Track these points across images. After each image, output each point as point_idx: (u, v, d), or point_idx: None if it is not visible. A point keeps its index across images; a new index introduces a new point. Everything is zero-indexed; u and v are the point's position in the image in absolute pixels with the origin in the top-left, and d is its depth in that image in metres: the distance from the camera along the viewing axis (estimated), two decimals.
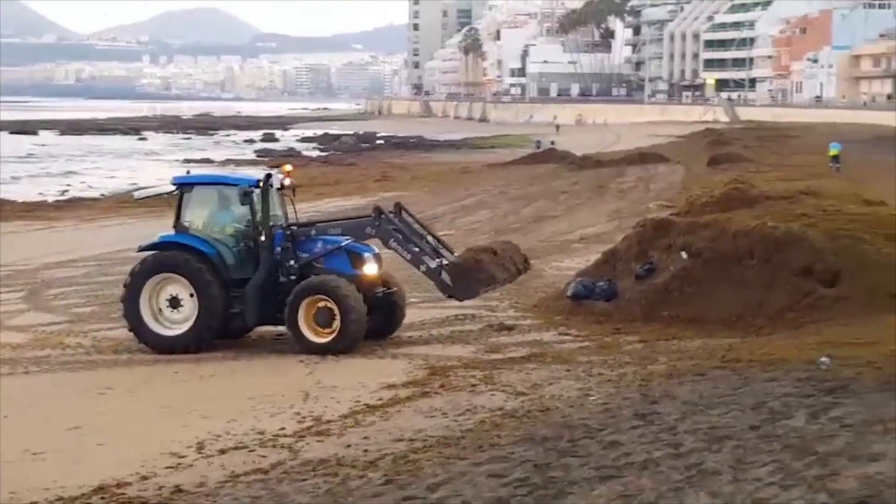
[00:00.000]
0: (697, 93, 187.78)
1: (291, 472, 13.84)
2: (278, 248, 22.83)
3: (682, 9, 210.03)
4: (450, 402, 17.44)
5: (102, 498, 13.35)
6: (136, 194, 26.53)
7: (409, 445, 14.80)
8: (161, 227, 25.04)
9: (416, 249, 22.72)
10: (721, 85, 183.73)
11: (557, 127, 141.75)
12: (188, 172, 25.83)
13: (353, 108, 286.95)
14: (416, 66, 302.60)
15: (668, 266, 25.79)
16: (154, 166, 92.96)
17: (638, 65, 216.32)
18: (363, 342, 22.25)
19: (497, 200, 56.61)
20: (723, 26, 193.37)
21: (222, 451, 15.20)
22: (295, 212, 23.98)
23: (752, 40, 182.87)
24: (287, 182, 23.87)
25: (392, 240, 22.77)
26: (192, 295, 22.50)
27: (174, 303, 22.75)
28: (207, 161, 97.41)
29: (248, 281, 22.64)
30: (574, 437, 14.40)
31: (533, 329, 24.23)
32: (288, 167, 24.90)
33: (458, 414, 16.61)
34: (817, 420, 14.52)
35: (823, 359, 18.36)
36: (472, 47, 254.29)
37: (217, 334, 22.62)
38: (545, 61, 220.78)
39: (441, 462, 13.73)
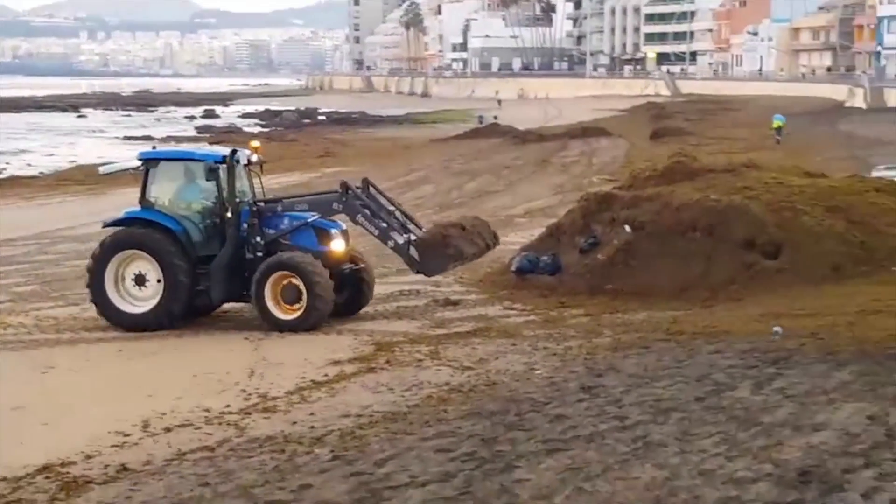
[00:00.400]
0: (639, 66, 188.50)
1: (238, 450, 13.78)
2: (245, 225, 22.68)
3: None
4: (396, 378, 17.43)
5: (47, 477, 13.24)
6: (102, 169, 26.22)
7: (356, 421, 14.77)
8: (102, 205, 24.82)
9: (384, 225, 22.57)
10: (662, 58, 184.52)
11: (499, 102, 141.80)
12: (154, 147, 25.59)
13: (295, 84, 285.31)
14: (358, 41, 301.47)
15: (611, 240, 25.89)
16: (95, 143, 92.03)
17: (579, 39, 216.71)
18: (330, 319, 22.14)
19: (440, 176, 56.57)
20: (664, 0, 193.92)
21: (168, 429, 15.11)
22: (262, 188, 23.81)
23: (692, 14, 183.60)
24: (254, 158, 23.65)
25: (359, 215, 22.58)
26: (157, 272, 22.29)
27: (140, 280, 22.49)
28: (148, 138, 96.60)
29: (215, 258, 22.49)
30: (520, 411, 14.44)
31: (478, 304, 24.26)
32: (255, 143, 24.68)
33: (404, 389, 16.60)
34: (761, 391, 14.65)
35: (776, 328, 18.55)
36: (414, 22, 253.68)
37: (183, 311, 22.41)
38: (487, 36, 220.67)
39: (388, 437, 13.72)
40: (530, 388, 15.98)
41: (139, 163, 23.33)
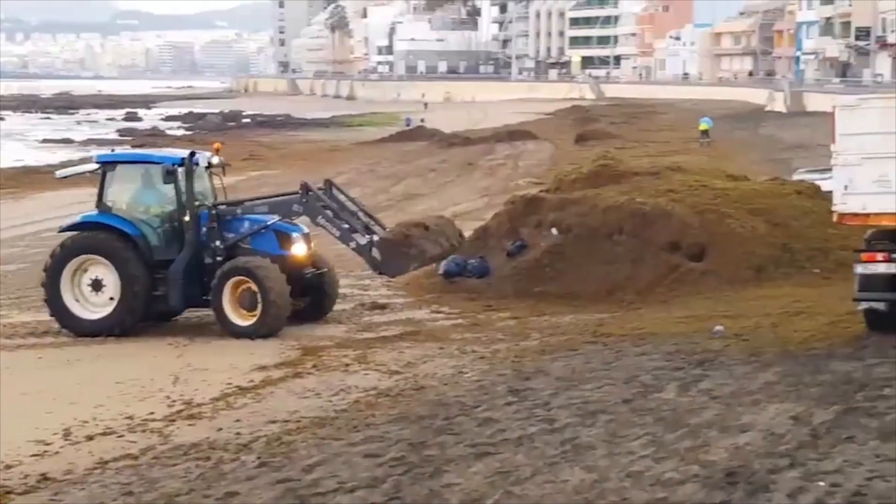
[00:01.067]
0: (564, 70, 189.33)
1: (162, 457, 13.62)
2: (204, 229, 22.21)
3: None
4: (323, 383, 17.33)
5: None
6: (59, 173, 25.80)
7: (283, 427, 14.67)
8: (19, 209, 24.42)
9: (346, 226, 22.17)
10: (587, 62, 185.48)
11: (426, 105, 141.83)
12: (112, 150, 25.18)
13: (219, 87, 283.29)
14: (283, 43, 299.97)
15: (538, 243, 25.97)
16: (14, 147, 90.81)
17: (505, 42, 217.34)
18: (295, 324, 21.82)
19: (367, 179, 56.45)
20: (588, 4, 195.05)
21: (90, 438, 14.89)
22: (224, 191, 23.50)
23: (616, 18, 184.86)
24: (215, 160, 23.19)
25: (320, 216, 22.21)
26: (114, 277, 21.84)
27: (96, 285, 22.06)
28: (68, 141, 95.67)
29: (173, 262, 22.03)
30: (449, 415, 14.42)
31: (405, 307, 24.21)
32: (217, 144, 24.18)
33: (331, 394, 16.51)
34: (688, 392, 14.76)
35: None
36: (339, 25, 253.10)
37: (141, 317, 22.00)
38: (412, 39, 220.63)
39: (316, 443, 13.64)
40: (459, 391, 15.96)
41: (97, 165, 22.92)
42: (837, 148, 17.63)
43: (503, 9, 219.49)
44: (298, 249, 22.36)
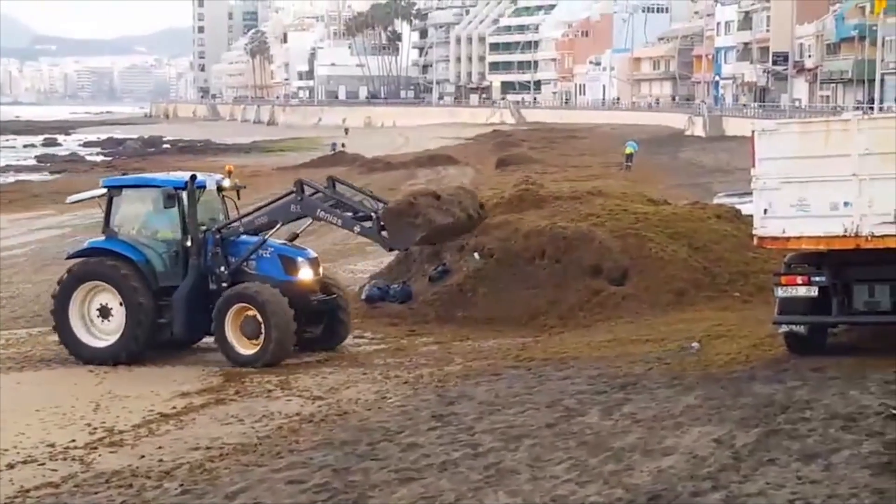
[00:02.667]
0: (484, 95, 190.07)
1: (84, 486, 13.45)
2: (209, 254, 21.62)
3: (467, 12, 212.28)
4: (246, 409, 17.22)
5: None
6: (69, 198, 25.37)
7: (206, 454, 14.54)
8: None
9: (348, 214, 21.45)
10: (507, 87, 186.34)
11: (346, 130, 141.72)
12: (124, 174, 24.69)
13: (138, 112, 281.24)
14: (202, 68, 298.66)
15: (461, 267, 26.03)
16: None
17: (425, 67, 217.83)
18: (304, 353, 21.31)
19: None
20: (507, 29, 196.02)
21: (10, 466, 14.66)
22: (238, 214, 22.61)
23: (536, 43, 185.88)
24: (226, 183, 22.57)
25: (318, 210, 21.50)
26: (121, 304, 21.42)
27: (104, 312, 21.64)
28: None
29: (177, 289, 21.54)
30: (372, 441, 14.38)
31: None
32: (229, 167, 23.57)
33: (254, 420, 16.41)
34: (611, 416, 14.82)
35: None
36: (259, 50, 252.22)
37: (147, 346, 21.46)
38: (333, 64, 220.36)
39: (239, 470, 13.54)
40: (382, 416, 15.93)
41: (104, 190, 22.49)
42: (757, 172, 17.84)
43: (423, 34, 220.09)
44: (305, 274, 21.61)
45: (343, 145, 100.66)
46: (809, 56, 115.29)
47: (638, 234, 25.93)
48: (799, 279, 17.64)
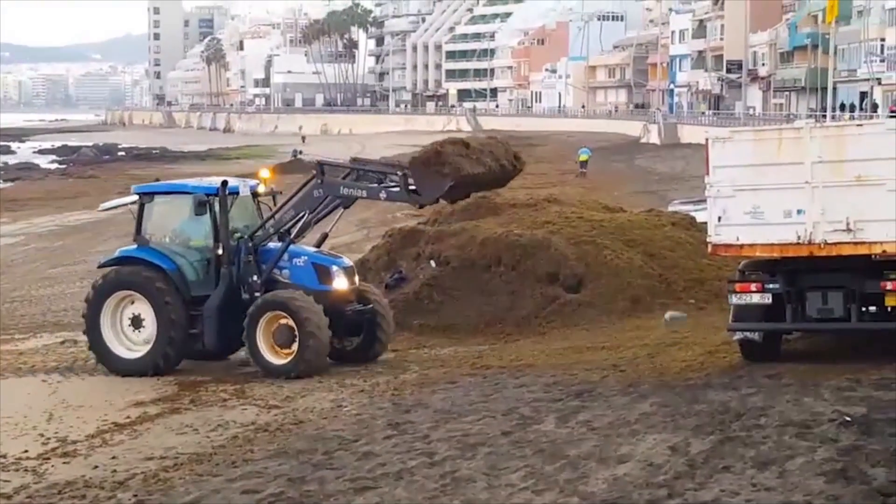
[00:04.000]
0: (441, 103, 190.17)
1: (36, 497, 13.34)
2: (242, 263, 21.01)
3: (423, 20, 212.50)
4: (201, 418, 17.14)
5: None
6: (101, 206, 24.92)
7: (160, 464, 14.45)
8: None
9: (373, 185, 20.66)
10: (463, 95, 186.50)
11: (303, 137, 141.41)
12: (156, 180, 24.27)
13: (94, 120, 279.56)
14: (158, 76, 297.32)
15: (417, 275, 26.02)
16: None
17: (382, 75, 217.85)
18: (342, 365, 20.77)
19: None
20: (464, 37, 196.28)
21: None
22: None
23: (492, 51, 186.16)
24: (261, 189, 22.01)
25: (342, 188, 20.69)
26: (152, 314, 20.86)
27: (136, 322, 21.11)
28: None
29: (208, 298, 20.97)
30: (328, 450, 14.34)
31: None
32: (265, 172, 23.08)
33: (209, 430, 16.33)
34: (566, 424, 14.84)
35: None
36: (215, 57, 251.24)
37: (179, 358, 21.00)
38: (289, 71, 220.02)
39: (193, 480, 13.46)
40: (338, 425, 15.89)
41: (136, 197, 21.97)
42: (711, 180, 17.91)
43: (380, 42, 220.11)
44: (340, 284, 21.00)
45: (301, 152, 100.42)
46: (763, 64, 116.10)
47: (593, 241, 26.00)
48: (753, 286, 17.73)
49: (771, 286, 17.62)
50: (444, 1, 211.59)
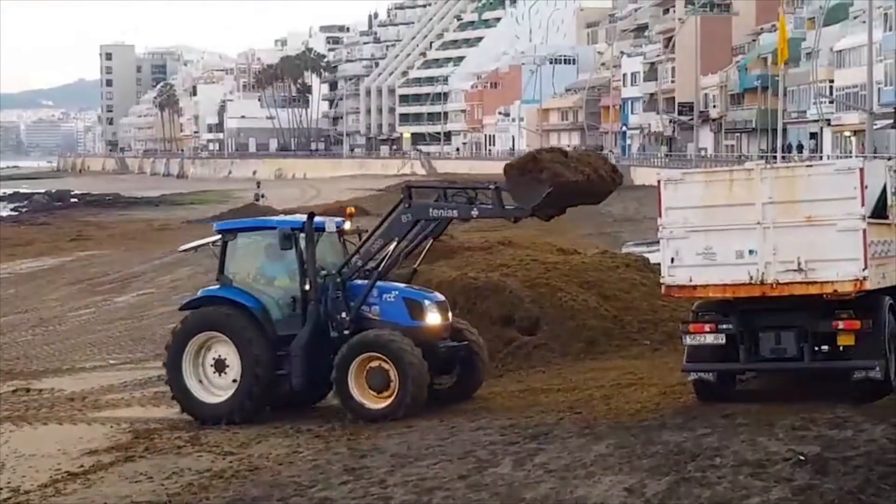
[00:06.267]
0: (395, 146, 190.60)
1: None
2: (330, 300, 20.19)
3: (377, 64, 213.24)
4: (155, 466, 17.02)
5: None
6: (181, 247, 24.45)
7: None
8: None
9: (462, 199, 20.01)
10: (417, 138, 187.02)
11: (258, 183, 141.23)
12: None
13: (46, 166, 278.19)
14: (111, 122, 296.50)
15: None
16: None
17: (336, 119, 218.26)
18: (435, 406, 19.79)
19: (198, 257, 55.74)
20: (417, 81, 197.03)
21: None
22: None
23: (445, 95, 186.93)
24: (347, 226, 21.52)
25: (430, 209, 20.01)
26: (236, 357, 20.17)
27: (220, 365, 20.42)
28: None
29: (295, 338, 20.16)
30: (284, 496, 14.28)
31: None
32: (350, 209, 22.50)
33: (164, 477, 16.21)
34: (523, 467, 14.83)
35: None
36: (168, 103, 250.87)
37: (265, 401, 20.32)
38: (243, 116, 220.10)
39: None
40: (294, 471, 15.82)
41: (219, 236, 21.49)
42: (663, 221, 18.03)
43: (333, 86, 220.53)
44: (432, 319, 20.16)
45: (262, 196, 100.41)
46: (714, 106, 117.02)
47: (548, 283, 26.04)
48: (707, 327, 17.81)
49: (724, 326, 17.71)
50: (398, 45, 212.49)
